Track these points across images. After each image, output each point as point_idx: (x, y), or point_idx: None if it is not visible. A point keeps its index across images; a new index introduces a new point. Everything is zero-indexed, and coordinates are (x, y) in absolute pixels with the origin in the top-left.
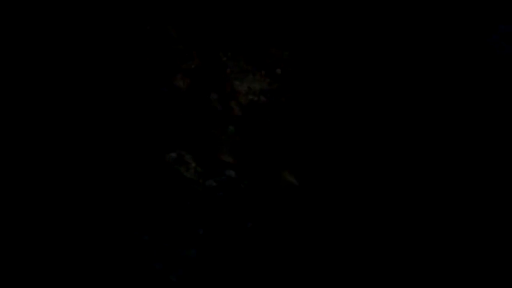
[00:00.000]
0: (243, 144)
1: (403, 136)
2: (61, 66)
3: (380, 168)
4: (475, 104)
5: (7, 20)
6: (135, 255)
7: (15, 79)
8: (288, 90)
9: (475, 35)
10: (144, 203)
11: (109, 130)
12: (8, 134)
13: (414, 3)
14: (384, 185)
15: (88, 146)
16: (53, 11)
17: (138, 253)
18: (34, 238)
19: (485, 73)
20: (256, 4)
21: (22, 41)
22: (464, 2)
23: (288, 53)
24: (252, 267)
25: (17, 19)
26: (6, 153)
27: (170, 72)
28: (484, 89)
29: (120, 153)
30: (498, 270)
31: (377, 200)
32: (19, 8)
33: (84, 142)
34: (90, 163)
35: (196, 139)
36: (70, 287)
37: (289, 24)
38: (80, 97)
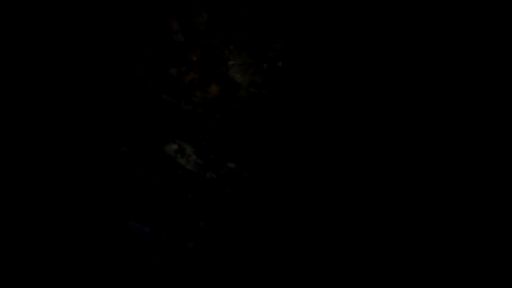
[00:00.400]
0: (244, 137)
1: (401, 131)
2: (64, 64)
3: (378, 164)
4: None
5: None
6: (135, 247)
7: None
8: (289, 83)
9: None
10: (144, 195)
11: (109, 120)
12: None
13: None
14: (382, 182)
15: (88, 137)
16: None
17: (139, 245)
18: (35, 228)
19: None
20: None
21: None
22: None
23: (290, 46)
24: (252, 261)
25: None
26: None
27: (171, 64)
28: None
29: (120, 144)
30: (498, 270)
31: (375, 198)
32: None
33: (83, 133)
34: (89, 155)
35: (196, 131)
36: (71, 278)
37: (291, 18)
38: (81, 89)
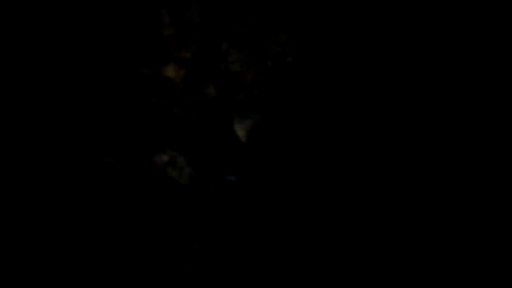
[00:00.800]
0: (245, 146)
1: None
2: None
3: (386, 166)
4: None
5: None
6: (124, 271)
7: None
8: (299, 82)
9: None
10: (130, 214)
11: (89, 127)
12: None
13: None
14: (385, 184)
15: (63, 146)
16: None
17: (128, 270)
18: (37, 241)
19: None
20: None
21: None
22: None
23: (299, 40)
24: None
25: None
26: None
27: (161, 61)
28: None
29: (102, 155)
30: (498, 270)
31: (379, 200)
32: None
33: (58, 141)
34: (65, 167)
35: (190, 139)
36: None
37: (301, 7)
38: (55, 88)
